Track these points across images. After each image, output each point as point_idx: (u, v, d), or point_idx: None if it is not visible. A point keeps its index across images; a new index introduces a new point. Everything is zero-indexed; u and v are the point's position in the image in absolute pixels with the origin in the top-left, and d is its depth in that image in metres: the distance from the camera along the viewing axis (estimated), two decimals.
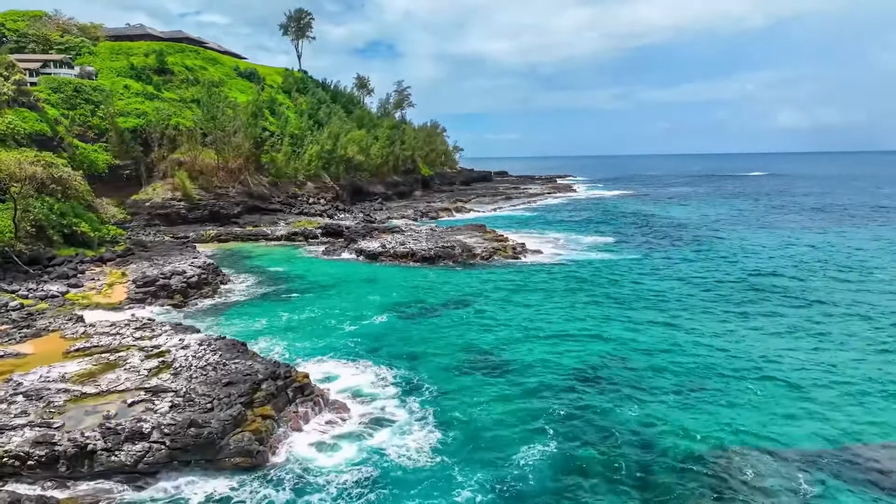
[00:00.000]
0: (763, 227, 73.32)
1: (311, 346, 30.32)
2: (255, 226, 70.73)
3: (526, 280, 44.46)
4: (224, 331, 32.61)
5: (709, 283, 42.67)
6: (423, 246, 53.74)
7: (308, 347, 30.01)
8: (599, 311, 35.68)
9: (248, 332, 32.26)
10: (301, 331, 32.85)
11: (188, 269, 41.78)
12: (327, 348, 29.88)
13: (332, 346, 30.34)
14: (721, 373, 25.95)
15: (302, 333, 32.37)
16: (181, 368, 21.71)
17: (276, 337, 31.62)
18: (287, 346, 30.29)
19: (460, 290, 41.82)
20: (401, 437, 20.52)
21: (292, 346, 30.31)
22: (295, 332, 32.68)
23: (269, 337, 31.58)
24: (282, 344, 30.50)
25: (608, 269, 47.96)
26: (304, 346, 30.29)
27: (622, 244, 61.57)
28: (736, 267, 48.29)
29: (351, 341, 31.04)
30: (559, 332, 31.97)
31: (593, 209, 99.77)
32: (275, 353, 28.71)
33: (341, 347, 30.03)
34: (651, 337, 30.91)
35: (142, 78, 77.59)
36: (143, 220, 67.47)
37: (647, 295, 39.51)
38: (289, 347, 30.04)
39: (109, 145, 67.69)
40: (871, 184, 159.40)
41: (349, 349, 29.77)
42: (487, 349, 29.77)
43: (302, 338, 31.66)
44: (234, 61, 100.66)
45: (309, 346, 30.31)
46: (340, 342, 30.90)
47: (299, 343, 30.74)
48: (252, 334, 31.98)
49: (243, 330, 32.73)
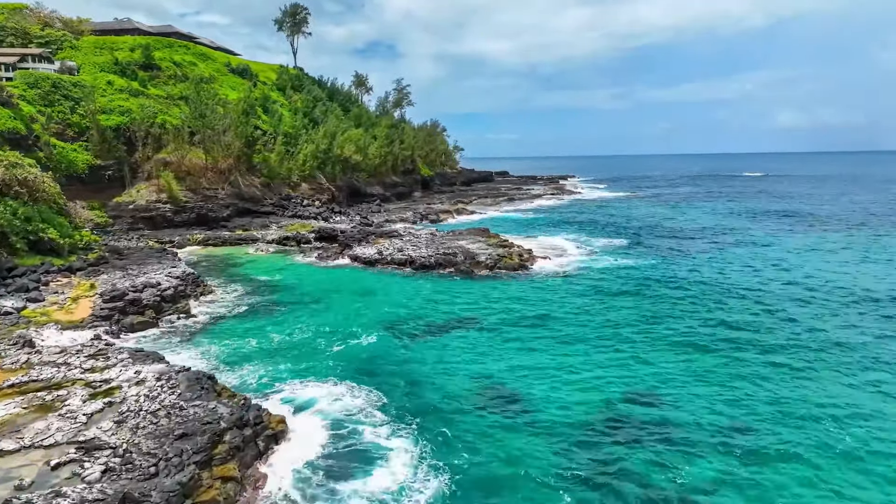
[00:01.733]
0: (781, 230, 69.42)
1: (295, 371, 26.46)
2: (245, 229, 66.90)
3: (536, 293, 40.58)
4: (197, 352, 28.84)
5: (744, 297, 38.78)
6: (422, 253, 49.89)
7: (291, 373, 26.16)
8: (623, 332, 31.79)
9: (225, 355, 28.44)
10: (285, 353, 28.99)
11: (164, 281, 37.93)
12: (312, 373, 26.04)
13: (319, 370, 26.50)
14: (787, 423, 22.10)
15: (286, 356, 28.51)
16: (128, 414, 17.85)
17: (256, 360, 27.76)
18: (267, 371, 26.44)
19: (463, 304, 37.97)
20: (395, 490, 16.71)
21: (273, 371, 26.46)
22: (278, 354, 28.82)
23: (248, 361, 27.73)
24: (262, 369, 26.64)
25: (626, 279, 44.06)
26: (287, 371, 26.43)
27: (635, 248, 57.68)
28: (760, 276, 44.44)
29: (341, 366, 27.21)
30: (578, 359, 28.11)
31: (600, 211, 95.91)
32: (252, 381, 24.88)
33: (329, 373, 26.19)
34: (688, 368, 27.00)
35: (127, 73, 73.70)
36: (125, 224, 63.66)
37: (677, 312, 35.54)
38: (269, 373, 26.18)
39: (90, 144, 63.80)
40: (883, 184, 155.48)
41: (338, 375, 25.93)
42: (494, 378, 25.94)
43: (286, 361, 27.81)
44: (226, 57, 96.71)
45: (293, 371, 26.44)
46: (328, 367, 27.06)
47: (282, 367, 26.90)
48: (228, 357, 28.16)
49: (219, 352, 28.89)
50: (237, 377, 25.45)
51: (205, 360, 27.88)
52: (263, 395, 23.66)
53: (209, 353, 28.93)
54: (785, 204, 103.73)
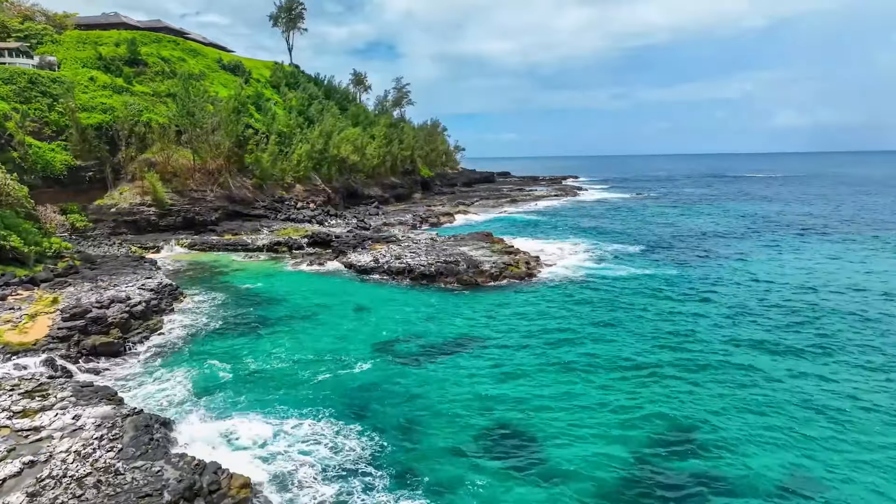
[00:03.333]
0: (802, 234, 65.65)
1: (273, 406, 22.76)
2: (234, 234, 63.24)
3: (545, 307, 36.84)
4: (162, 381, 25.15)
5: (784, 309, 35.04)
6: (421, 261, 46.19)
7: (268, 408, 22.46)
8: (649, 355, 28.05)
9: (194, 384, 24.75)
10: (265, 382, 25.30)
11: (135, 294, 34.24)
12: (294, 409, 22.38)
13: (301, 405, 22.84)
14: None
15: (265, 386, 24.84)
16: (48, 481, 14.16)
17: (229, 392, 24.09)
18: (240, 406, 22.76)
19: (466, 321, 34.27)
20: None
21: (247, 405, 22.77)
22: (256, 383, 25.14)
23: (220, 392, 24.05)
24: (234, 403, 22.96)
25: (645, 290, 40.20)
26: (264, 406, 22.73)
27: (651, 255, 53.81)
28: (797, 284, 40.70)
29: (327, 399, 23.55)
30: (597, 388, 24.40)
31: (608, 214, 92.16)
32: (219, 421, 21.17)
33: (313, 409, 22.52)
34: (736, 401, 23.25)
35: (111, 69, 70.00)
36: (107, 228, 60.02)
37: (710, 329, 31.73)
38: (241, 408, 22.50)
39: (69, 144, 60.12)
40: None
41: (323, 412, 22.28)
42: (503, 414, 22.29)
43: (264, 392, 24.13)
44: (217, 53, 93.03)
45: (270, 406, 22.74)
46: (313, 400, 23.39)
47: (258, 401, 23.21)
48: (198, 387, 24.48)
49: (188, 380, 25.19)
50: (202, 416, 21.75)
51: (169, 391, 24.20)
52: (230, 438, 19.99)
53: (176, 381, 25.25)
54: (800, 206, 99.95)
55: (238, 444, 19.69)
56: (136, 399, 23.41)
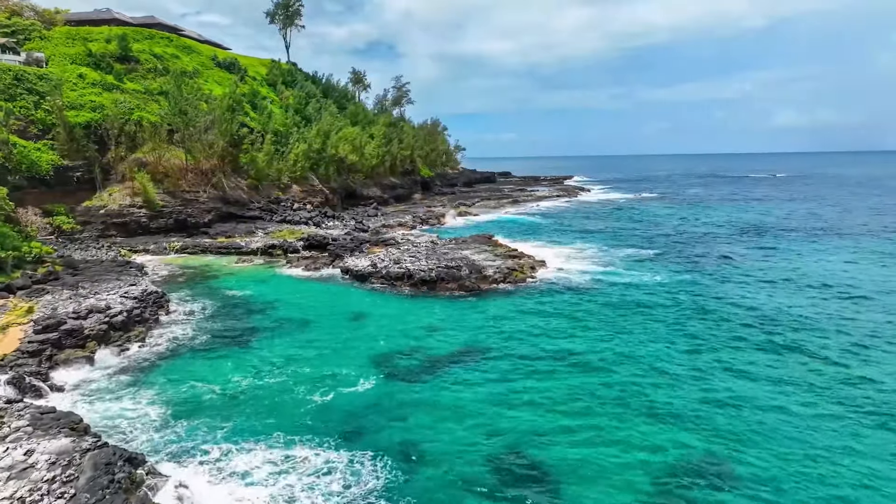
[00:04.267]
0: (822, 237, 63.48)
1: (258, 432, 20.63)
2: (228, 237, 61.02)
3: (553, 315, 34.65)
4: (138, 402, 22.97)
5: (816, 323, 32.90)
6: (422, 265, 44.02)
7: (254, 434, 20.32)
8: (671, 372, 25.87)
9: (173, 406, 22.58)
10: (252, 403, 23.13)
11: (116, 303, 32.05)
12: (283, 435, 20.23)
13: (290, 430, 20.69)
14: None
15: (252, 408, 22.66)
16: None
17: (212, 415, 21.92)
18: (222, 432, 20.59)
19: (470, 331, 32.10)
20: None
21: (230, 432, 20.59)
22: (242, 405, 22.95)
23: (201, 415, 21.87)
24: (216, 429, 20.79)
25: (662, 298, 37.87)
26: (249, 432, 20.59)
27: (665, 259, 51.28)
28: (833, 292, 38.58)
29: (319, 424, 21.40)
30: (614, 409, 22.23)
31: (613, 215, 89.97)
32: (196, 452, 19.01)
33: (304, 436, 20.38)
34: (775, 427, 21.10)
35: (101, 66, 67.76)
36: (96, 231, 57.80)
37: (737, 343, 29.54)
38: (224, 435, 20.33)
39: (56, 143, 57.89)
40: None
41: (314, 439, 20.15)
42: (512, 440, 20.16)
43: (250, 416, 21.96)
44: (212, 50, 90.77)
45: (256, 432, 20.61)
46: (303, 425, 21.23)
47: (244, 426, 21.06)
48: (177, 409, 22.31)
49: (166, 401, 23.02)
50: (179, 446, 19.58)
51: (145, 413, 22.01)
52: (210, 470, 17.83)
53: (154, 401, 23.08)
54: (809, 207, 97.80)
55: (220, 477, 17.56)
56: (107, 422, 21.27)
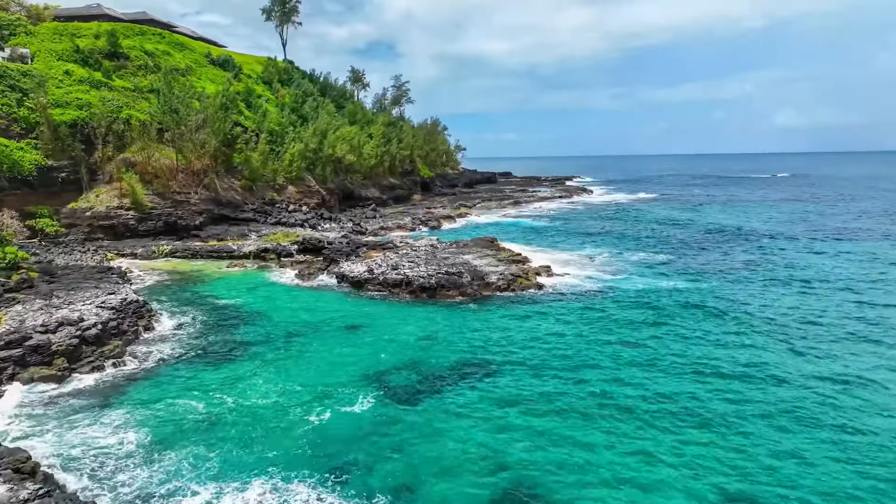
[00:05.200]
0: (836, 237, 61.07)
1: (237, 465, 18.27)
2: (219, 239, 58.66)
3: (563, 327, 32.26)
4: (104, 430, 20.56)
5: (854, 334, 30.53)
6: (421, 271, 41.66)
7: (232, 469, 17.95)
8: (695, 393, 23.41)
9: (143, 434, 20.18)
10: (232, 430, 20.72)
11: (91, 314, 29.65)
12: (265, 468, 17.87)
13: (273, 463, 18.33)
14: None
15: (243, 436, 20.25)
16: None
17: (187, 446, 19.52)
18: (197, 468, 18.18)
19: (472, 344, 29.73)
20: None
21: (205, 468, 18.19)
22: (221, 433, 20.53)
23: (175, 446, 19.47)
24: (189, 464, 18.38)
25: (683, 309, 34.99)
26: (227, 466, 18.22)
27: (676, 264, 48.56)
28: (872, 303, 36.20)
29: (306, 454, 19.04)
30: (635, 439, 19.84)
31: (618, 216, 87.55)
32: (162, 493, 16.63)
33: (288, 470, 18.02)
34: (812, 466, 18.72)
35: (89, 63, 65.40)
36: (81, 234, 55.47)
37: (776, 360, 27.21)
38: (198, 472, 17.91)
39: (40, 142, 55.56)
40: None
41: (300, 473, 17.79)
42: (521, 472, 17.82)
43: (229, 446, 19.55)
44: (206, 47, 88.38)
45: (234, 465, 18.24)
46: (289, 456, 18.86)
47: (220, 460, 18.66)
48: (148, 438, 19.91)
49: (137, 428, 20.63)
50: (158, 488, 17.17)
51: (114, 447, 19.57)
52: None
53: (127, 430, 20.66)
54: (820, 207, 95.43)
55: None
56: (69, 455, 18.88)
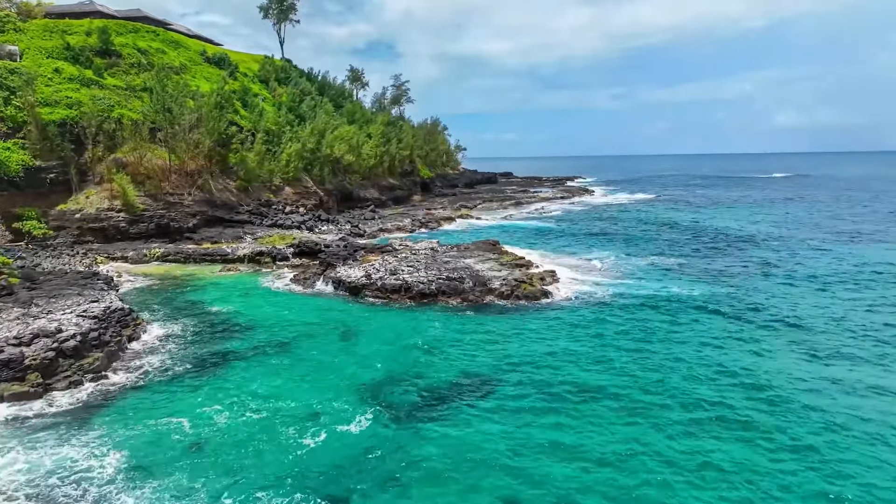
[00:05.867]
0: (848, 237, 59.34)
1: (244, 500, 16.55)
2: (213, 242, 56.98)
3: (572, 337, 30.52)
4: (74, 455, 18.82)
5: None
6: (420, 276, 39.97)
7: (231, 497, 16.29)
8: (721, 415, 21.66)
9: (133, 457, 18.45)
10: (232, 453, 18.94)
11: (70, 325, 27.93)
12: (259, 493, 16.21)
13: (280, 494, 16.61)
14: None
15: (232, 461, 18.46)
16: None
17: (182, 471, 17.78)
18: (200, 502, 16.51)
19: (474, 355, 28.01)
20: None
21: (198, 499, 16.50)
22: (222, 457, 18.74)
23: (170, 472, 17.73)
24: (187, 499, 16.68)
25: (694, 316, 33.17)
26: (210, 499, 16.53)
27: (689, 269, 46.26)
28: None
29: (311, 483, 17.30)
30: (662, 470, 18.12)
31: (623, 218, 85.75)
32: None
33: (285, 498, 16.31)
34: None
35: (80, 60, 63.69)
36: (70, 237, 53.83)
37: (814, 378, 25.56)
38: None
39: (28, 142, 53.87)
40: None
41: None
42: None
43: (231, 474, 17.77)
44: (201, 45, 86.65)
45: (241, 499, 16.53)
46: (294, 486, 17.11)
47: (225, 488, 16.94)
48: (138, 461, 18.20)
49: (125, 449, 18.89)
50: None
51: (87, 474, 17.85)
52: None
53: (103, 454, 18.90)
54: (830, 208, 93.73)
55: None
56: (39, 478, 17.18)
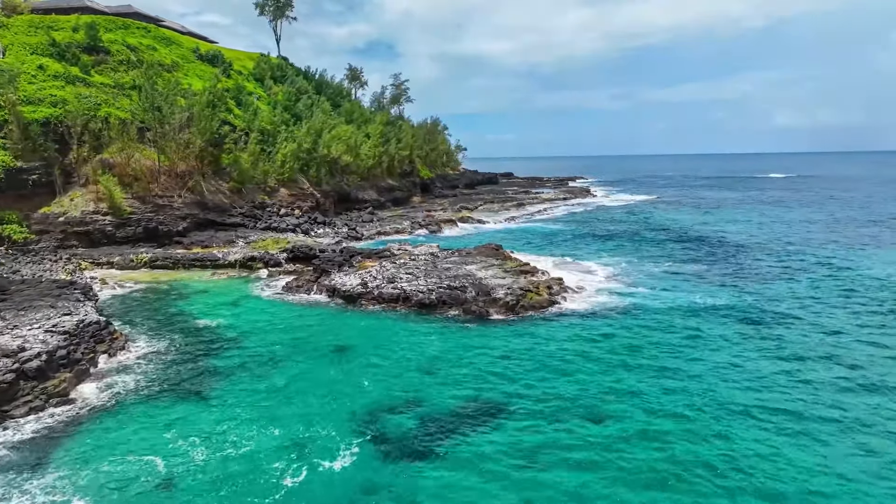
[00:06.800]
0: (861, 242, 56.95)
1: None
2: (204, 246, 54.61)
3: (583, 353, 28.13)
4: (36, 493, 16.45)
5: None
6: (420, 284, 37.61)
7: None
8: (753, 444, 19.29)
9: (92, 499, 16.13)
10: (206, 495, 16.65)
11: (35, 342, 25.52)
12: None
13: None
14: None
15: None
16: None
17: None
18: None
19: (478, 374, 25.62)
20: None
21: None
22: (195, 499, 16.47)
23: None
24: None
25: (717, 328, 30.75)
26: None
27: (712, 275, 43.92)
28: None
29: None
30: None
31: (629, 220, 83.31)
32: None
33: None
34: None
35: (65, 57, 61.28)
36: (54, 241, 51.36)
37: (826, 394, 23.18)
38: None
39: (9, 142, 51.45)
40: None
41: None
42: None
43: None
44: (194, 42, 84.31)
45: None
46: None
47: None
48: None
49: (87, 491, 16.52)
50: None
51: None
52: None
53: (63, 498, 16.56)
54: (840, 210, 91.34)
55: None
56: None
